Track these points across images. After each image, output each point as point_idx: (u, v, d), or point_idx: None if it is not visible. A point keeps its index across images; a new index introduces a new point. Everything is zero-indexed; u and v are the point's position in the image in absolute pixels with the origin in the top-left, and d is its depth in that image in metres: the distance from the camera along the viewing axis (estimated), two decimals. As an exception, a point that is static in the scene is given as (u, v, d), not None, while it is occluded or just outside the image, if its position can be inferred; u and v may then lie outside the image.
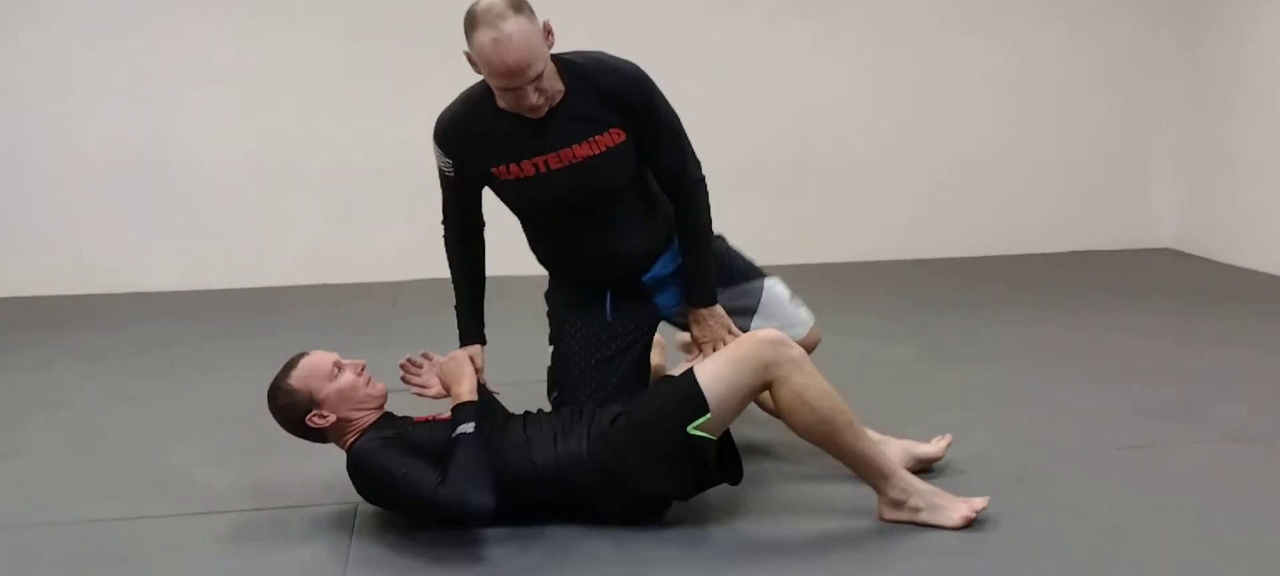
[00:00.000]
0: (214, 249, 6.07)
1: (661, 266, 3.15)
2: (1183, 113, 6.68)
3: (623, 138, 2.91)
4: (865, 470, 2.81)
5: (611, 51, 2.98)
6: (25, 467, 3.39)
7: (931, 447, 3.21)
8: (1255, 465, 3.24)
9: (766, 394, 2.86)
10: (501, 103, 2.82)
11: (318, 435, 2.87)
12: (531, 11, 2.71)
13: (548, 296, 3.28)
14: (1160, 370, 4.21)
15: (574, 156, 2.89)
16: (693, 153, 3.05)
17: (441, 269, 3.01)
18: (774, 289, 3.28)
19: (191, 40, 5.90)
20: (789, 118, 6.40)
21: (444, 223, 3.17)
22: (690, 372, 2.78)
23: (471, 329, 3.15)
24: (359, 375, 2.86)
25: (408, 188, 6.17)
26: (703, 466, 2.75)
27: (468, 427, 2.71)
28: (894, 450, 3.10)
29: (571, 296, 3.21)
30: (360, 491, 2.80)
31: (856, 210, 6.57)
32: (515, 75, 2.69)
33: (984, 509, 2.79)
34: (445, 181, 3.07)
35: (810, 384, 2.74)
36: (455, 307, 3.17)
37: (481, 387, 3.11)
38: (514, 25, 2.64)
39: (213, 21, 5.90)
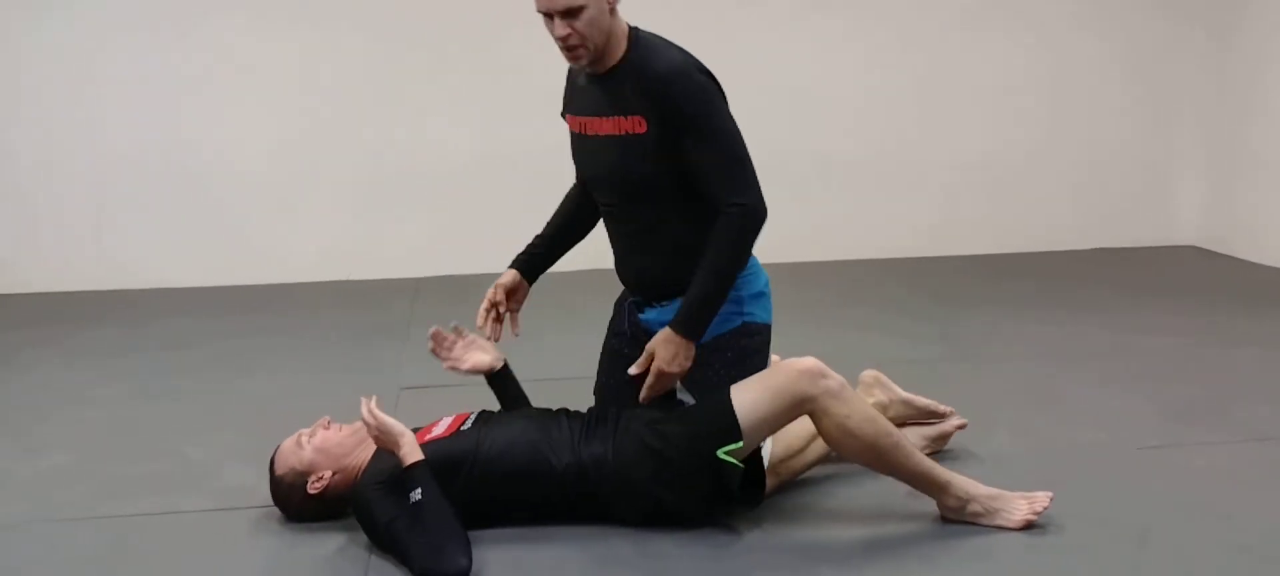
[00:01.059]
0: (237, 245, 6.10)
1: (659, 314, 3.01)
2: (1208, 110, 6.63)
3: (644, 129, 2.81)
4: (921, 485, 2.81)
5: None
6: (51, 463, 3.41)
7: (947, 425, 3.21)
8: (1280, 466, 3.22)
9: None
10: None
11: (335, 503, 2.86)
12: None
13: None
14: (1184, 370, 4.19)
15: (601, 128, 2.90)
16: (744, 178, 2.84)
17: (461, 265, 3.02)
18: None
19: (216, 39, 5.93)
20: (811, 115, 6.38)
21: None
22: (726, 396, 2.74)
23: (521, 259, 3.17)
24: (326, 427, 2.90)
25: (429, 185, 6.20)
26: (726, 489, 2.74)
27: (417, 494, 2.60)
28: (911, 437, 3.09)
29: (620, 298, 3.21)
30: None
31: (879, 208, 6.55)
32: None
33: (1047, 507, 2.77)
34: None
35: (851, 413, 2.70)
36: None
37: (503, 375, 3.13)
38: None
39: (238, 20, 5.92)
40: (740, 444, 2.69)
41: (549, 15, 2.76)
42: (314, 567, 2.70)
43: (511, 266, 3.17)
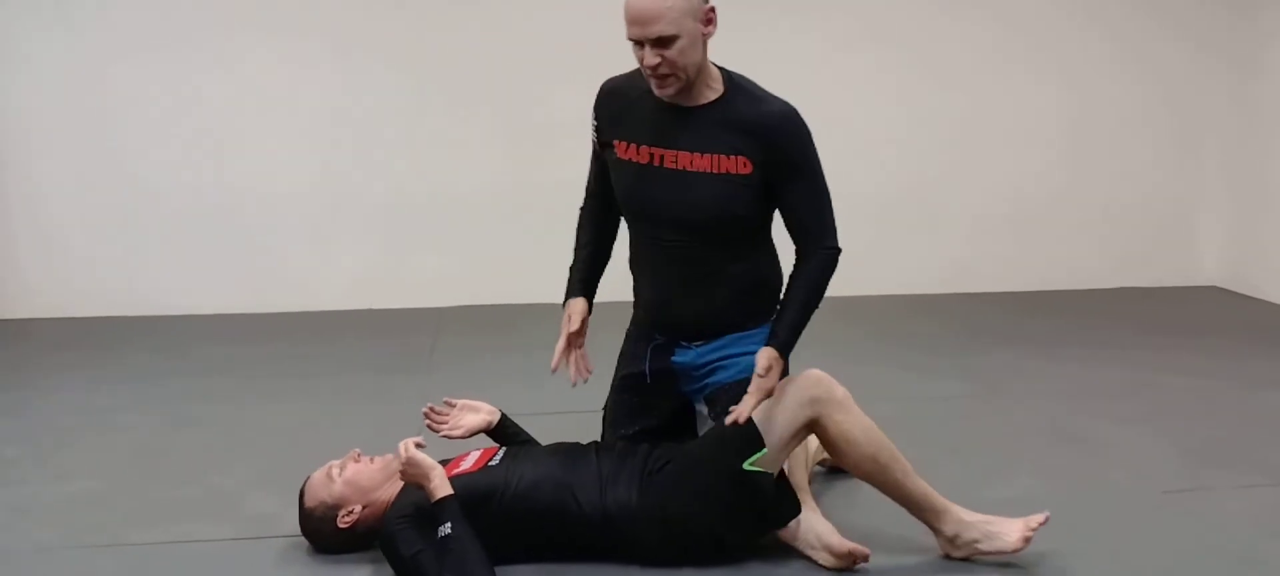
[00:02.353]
0: (265, 273, 6.14)
1: (696, 354, 3.02)
2: (1231, 149, 6.62)
3: (749, 170, 2.83)
4: (917, 508, 2.83)
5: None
6: (78, 489, 3.44)
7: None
8: (1306, 511, 3.19)
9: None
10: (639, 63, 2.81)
11: (364, 536, 2.87)
12: None
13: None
14: (1208, 411, 4.17)
15: (691, 164, 2.86)
16: (834, 223, 2.93)
17: (485, 296, 3.02)
18: None
19: (246, 70, 5.99)
20: (839, 151, 6.36)
21: (585, 199, 3.18)
22: None
23: (577, 285, 3.11)
24: (356, 460, 2.92)
25: (455, 217, 6.24)
26: (760, 503, 2.75)
27: (447, 528, 2.63)
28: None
29: (634, 331, 3.19)
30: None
31: (905, 244, 6.55)
32: (637, 24, 2.71)
33: (1042, 524, 2.78)
34: (593, 151, 3.10)
35: (855, 421, 2.76)
36: (570, 267, 3.15)
37: (502, 427, 3.15)
38: None
39: (268, 52, 5.98)
40: (765, 451, 2.72)
41: (640, 43, 2.75)
42: (338, 598, 2.72)
43: (573, 296, 3.10)
